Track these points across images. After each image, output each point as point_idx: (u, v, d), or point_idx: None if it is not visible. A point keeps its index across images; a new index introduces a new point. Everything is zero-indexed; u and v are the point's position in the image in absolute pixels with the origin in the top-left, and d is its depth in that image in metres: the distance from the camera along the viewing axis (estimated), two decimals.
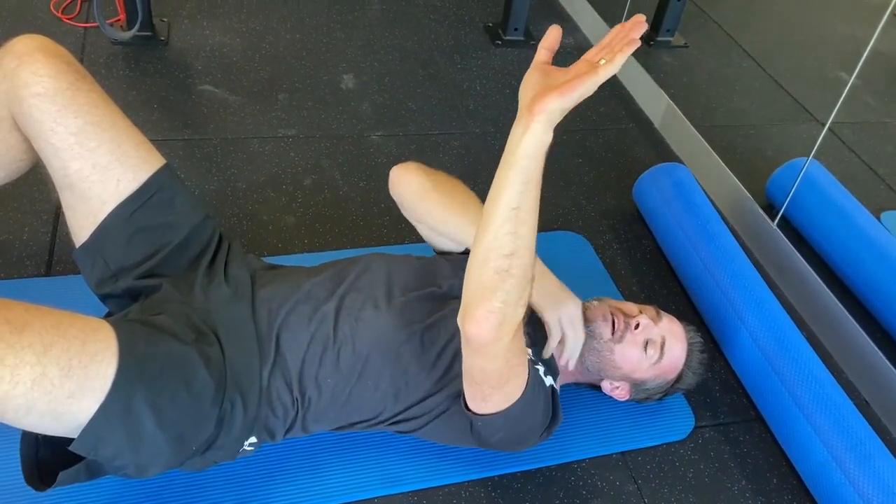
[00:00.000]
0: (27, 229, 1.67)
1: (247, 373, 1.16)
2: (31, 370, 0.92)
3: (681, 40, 2.73)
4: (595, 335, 1.33)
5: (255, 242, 1.74)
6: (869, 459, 1.32)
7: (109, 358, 1.00)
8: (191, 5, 2.56)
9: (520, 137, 0.91)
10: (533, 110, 0.90)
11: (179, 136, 2.01)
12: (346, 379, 1.21)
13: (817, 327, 1.75)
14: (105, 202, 1.20)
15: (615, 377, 1.36)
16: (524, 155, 0.91)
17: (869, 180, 2.25)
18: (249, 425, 1.16)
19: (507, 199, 0.93)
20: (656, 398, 1.42)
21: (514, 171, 0.92)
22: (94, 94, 1.20)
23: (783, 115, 2.55)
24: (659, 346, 1.33)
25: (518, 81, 0.92)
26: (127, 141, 1.21)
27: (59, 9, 2.39)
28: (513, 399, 1.14)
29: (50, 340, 0.95)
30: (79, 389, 0.97)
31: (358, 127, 2.16)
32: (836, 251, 1.86)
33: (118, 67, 2.22)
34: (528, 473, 1.37)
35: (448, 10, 2.80)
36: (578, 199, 2.02)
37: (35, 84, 1.15)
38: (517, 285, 0.97)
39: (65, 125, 1.16)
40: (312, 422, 1.23)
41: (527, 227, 0.95)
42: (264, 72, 2.31)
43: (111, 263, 1.24)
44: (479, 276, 0.98)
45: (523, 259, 0.96)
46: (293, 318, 1.22)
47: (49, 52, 1.17)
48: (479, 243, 0.97)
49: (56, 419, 0.98)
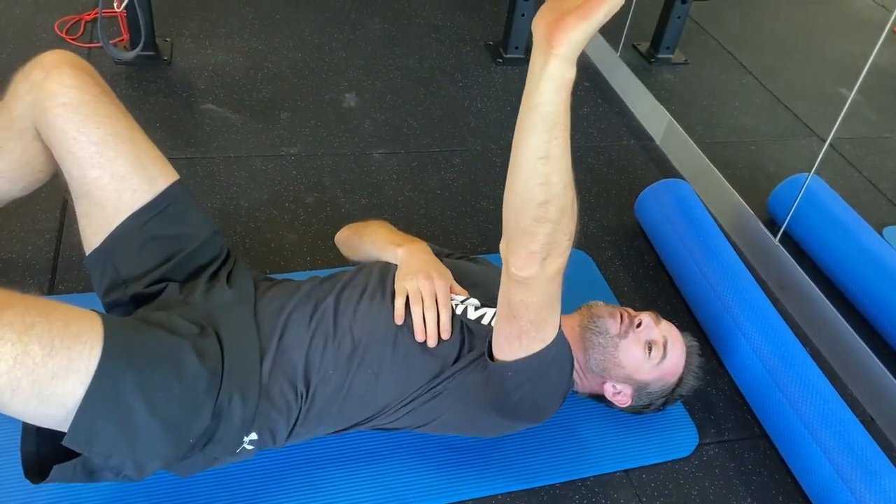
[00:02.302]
0: (30, 248, 1.67)
1: (246, 367, 1.17)
2: (13, 347, 0.94)
3: (681, 57, 2.74)
4: (601, 331, 1.33)
5: (258, 260, 1.74)
6: (875, 476, 1.31)
7: (94, 340, 1.01)
8: (193, 25, 2.58)
9: (539, 76, 0.81)
10: (552, 42, 0.78)
11: (182, 155, 2.02)
12: (346, 370, 1.23)
13: (820, 343, 1.75)
14: (120, 210, 1.24)
15: (618, 378, 1.34)
16: (545, 99, 0.82)
17: (870, 195, 2.25)
18: (249, 419, 1.16)
19: (533, 149, 0.86)
20: (658, 404, 1.40)
21: (537, 117, 0.83)
22: (115, 107, 1.26)
23: (784, 131, 2.55)
24: (662, 346, 1.33)
25: (518, 99, 0.87)
26: (145, 154, 1.26)
27: (63, 29, 2.41)
28: (546, 342, 1.11)
29: (31, 320, 0.97)
30: (62, 370, 0.98)
31: (360, 145, 2.16)
32: (839, 266, 1.86)
33: (122, 87, 2.23)
34: (532, 491, 1.36)
35: (449, 29, 2.82)
36: (581, 216, 2.00)
37: (62, 94, 1.20)
38: (556, 227, 0.92)
39: (87, 134, 1.21)
40: (315, 419, 1.23)
41: (558, 174, 0.88)
42: (266, 91, 2.32)
43: (121, 270, 1.27)
44: (516, 222, 0.93)
45: (560, 203, 0.90)
46: (295, 317, 1.25)
47: (76, 65, 1.23)
48: (511, 191, 0.91)
49: (43, 402, 0.98)
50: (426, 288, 1.27)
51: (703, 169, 2.16)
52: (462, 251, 1.74)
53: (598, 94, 2.54)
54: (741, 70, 2.83)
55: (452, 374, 1.24)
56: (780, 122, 2.59)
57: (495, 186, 1.60)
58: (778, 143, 2.51)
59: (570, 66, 0.80)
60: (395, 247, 1.38)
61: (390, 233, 1.46)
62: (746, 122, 2.56)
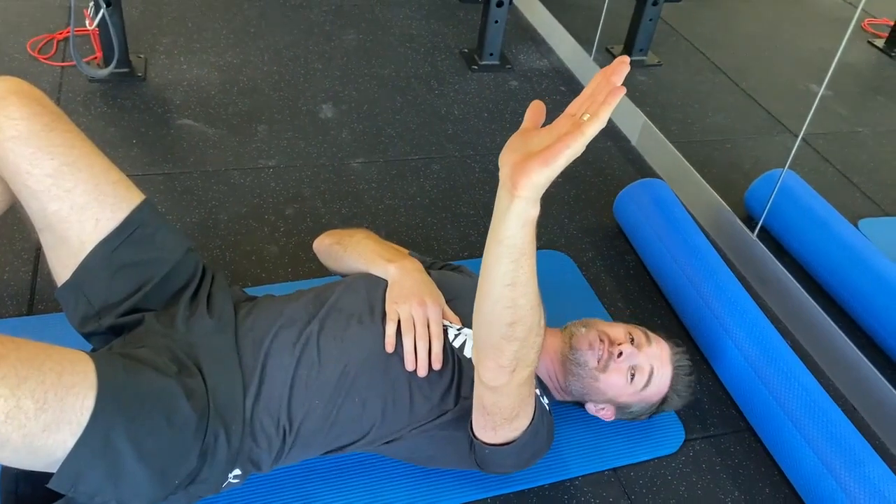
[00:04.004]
0: (8, 269, 1.66)
1: (230, 404, 1.15)
2: (5, 403, 0.91)
3: (654, 59, 2.77)
4: (580, 363, 1.33)
5: (239, 273, 1.73)
6: (859, 465, 1.32)
7: (87, 390, 0.99)
8: (167, 41, 2.57)
9: (504, 212, 0.84)
10: (517, 186, 0.81)
11: (160, 171, 2.01)
12: (333, 399, 1.20)
13: (801, 335, 1.77)
14: (84, 242, 1.20)
15: (599, 401, 1.37)
16: (511, 234, 0.85)
17: (844, 189, 2.29)
18: (233, 457, 1.15)
19: (501, 276, 0.89)
20: (644, 417, 1.43)
21: (503, 249, 0.87)
22: (70, 134, 1.20)
23: (758, 128, 2.59)
24: (647, 374, 1.33)
25: (495, 105, 0.90)
26: (104, 180, 1.21)
27: (35, 49, 2.39)
28: (521, 429, 1.16)
29: (25, 373, 0.93)
30: (54, 422, 0.95)
31: (338, 155, 2.16)
32: (816, 259, 1.88)
33: (96, 105, 2.22)
34: (521, 494, 1.37)
35: (424, 38, 2.83)
36: (560, 218, 2.03)
37: (9, 128, 1.14)
38: (524, 344, 0.98)
39: (41, 167, 1.15)
40: (301, 448, 1.22)
41: (525, 297, 0.92)
42: (243, 104, 2.31)
43: (94, 302, 1.23)
44: (486, 337, 0.99)
45: (527, 322, 0.95)
46: (276, 345, 1.21)
47: (23, 94, 1.16)
48: (480, 311, 0.97)
49: (32, 453, 0.96)
50: (419, 315, 1.24)
51: (680, 168, 2.18)
52: (444, 258, 1.74)
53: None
54: (714, 70, 2.86)
55: (439, 415, 1.23)
56: (753, 120, 2.62)
57: (475, 192, 1.61)
58: (752, 141, 2.54)
59: (533, 205, 0.83)
60: (386, 262, 1.33)
61: (378, 245, 1.41)
62: (720, 120, 2.59)
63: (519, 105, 2.45)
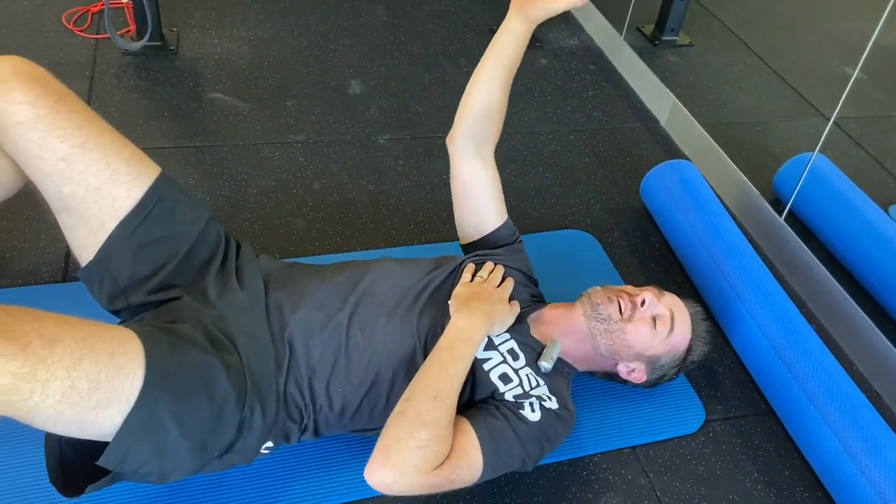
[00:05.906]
0: (43, 237, 1.70)
1: (265, 379, 1.17)
2: (61, 384, 0.93)
3: (685, 39, 2.74)
4: (604, 317, 1.33)
5: (267, 246, 1.76)
6: (881, 450, 1.32)
7: (136, 370, 1.01)
8: (200, 15, 2.59)
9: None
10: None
11: (190, 144, 2.03)
12: (357, 389, 1.23)
13: (827, 320, 1.76)
14: (104, 221, 1.20)
15: (629, 358, 1.35)
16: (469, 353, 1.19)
17: (876, 173, 2.26)
18: (268, 430, 1.18)
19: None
20: (672, 374, 1.41)
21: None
22: (76, 114, 1.17)
23: (789, 111, 2.55)
24: (669, 320, 1.34)
25: (524, 83, 0.91)
26: (116, 158, 1.19)
27: (70, 21, 2.43)
28: (478, 467, 1.16)
29: (80, 354, 0.96)
30: (105, 401, 0.98)
31: (366, 131, 2.18)
32: (844, 244, 1.87)
33: (129, 77, 2.25)
34: (540, 468, 1.38)
35: (453, 14, 2.83)
36: (586, 198, 2.03)
37: (14, 113, 1.12)
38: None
39: (51, 151, 1.14)
40: (324, 427, 1.25)
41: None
42: (273, 79, 2.33)
43: (119, 280, 1.24)
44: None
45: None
46: (305, 326, 1.23)
47: (24, 76, 1.13)
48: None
49: (81, 428, 1.00)
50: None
51: (709, 150, 2.16)
52: None
53: (602, 76, 2.54)
54: (746, 51, 2.82)
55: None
56: (785, 102, 2.58)
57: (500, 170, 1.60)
58: (783, 123, 2.51)
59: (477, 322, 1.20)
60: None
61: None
62: (751, 102, 2.56)
63: (548, 84, 2.44)
